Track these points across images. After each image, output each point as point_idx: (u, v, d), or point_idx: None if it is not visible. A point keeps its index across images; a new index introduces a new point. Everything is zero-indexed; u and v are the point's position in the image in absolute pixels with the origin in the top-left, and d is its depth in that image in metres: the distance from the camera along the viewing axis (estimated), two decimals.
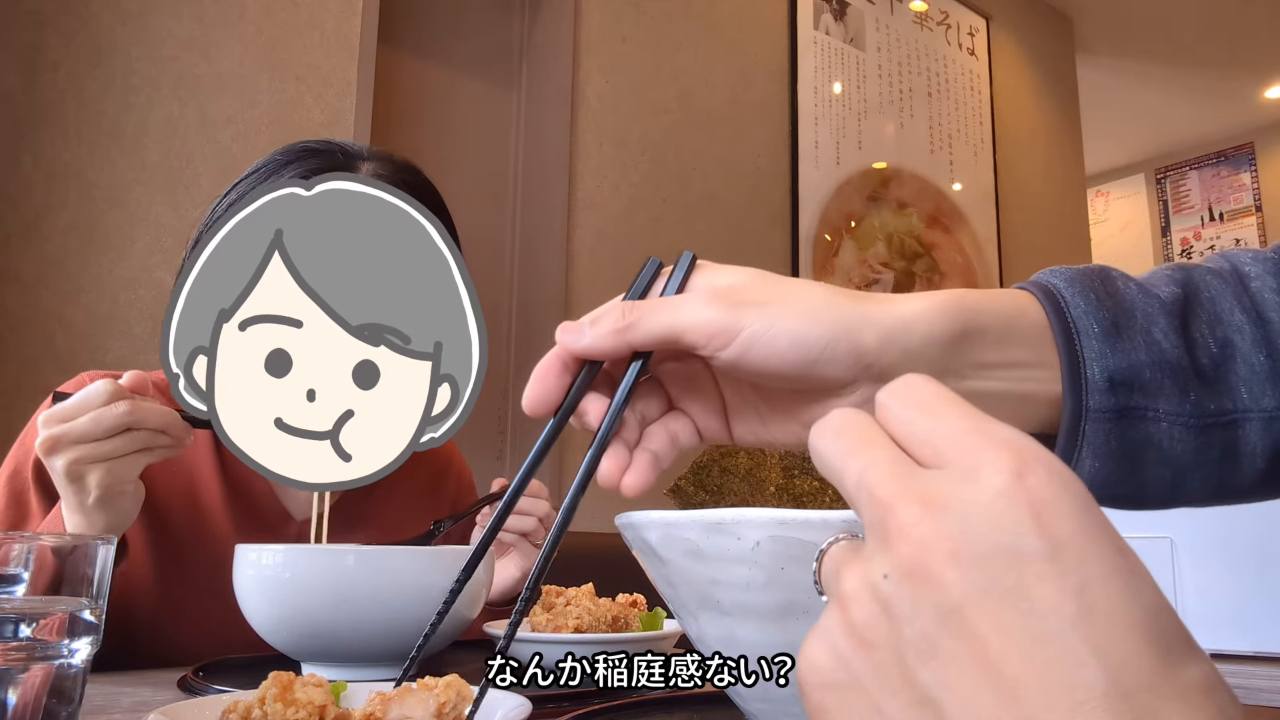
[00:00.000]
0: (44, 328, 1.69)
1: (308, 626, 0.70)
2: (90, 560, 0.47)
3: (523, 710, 0.52)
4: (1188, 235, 5.78)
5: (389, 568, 0.71)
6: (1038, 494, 0.22)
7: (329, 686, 0.49)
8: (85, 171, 1.76)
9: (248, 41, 1.97)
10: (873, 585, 0.23)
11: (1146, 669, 0.20)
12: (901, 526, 0.23)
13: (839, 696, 0.24)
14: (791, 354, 0.39)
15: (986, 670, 0.21)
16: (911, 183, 3.45)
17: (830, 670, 0.24)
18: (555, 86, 2.57)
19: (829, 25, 3.25)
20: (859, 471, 0.25)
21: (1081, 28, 4.39)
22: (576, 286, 2.50)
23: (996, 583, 0.21)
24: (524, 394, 0.43)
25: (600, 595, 0.84)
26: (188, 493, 0.93)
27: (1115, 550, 0.22)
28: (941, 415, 0.25)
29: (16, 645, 0.43)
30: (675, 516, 0.45)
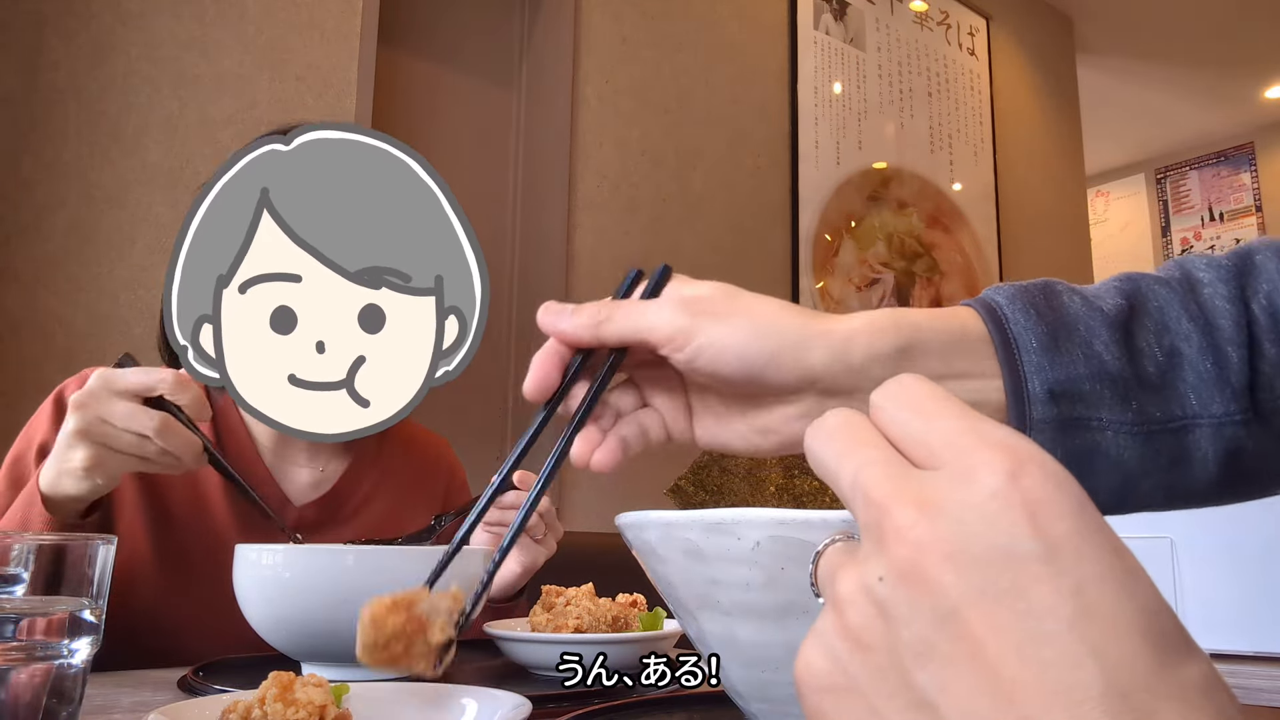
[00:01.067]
0: (44, 327, 1.69)
1: (307, 626, 0.70)
2: (90, 560, 0.47)
3: (523, 710, 0.52)
4: (1188, 235, 5.78)
5: (388, 567, 0.71)
6: (1033, 495, 0.22)
7: (329, 686, 0.49)
8: (85, 171, 1.76)
9: (248, 41, 1.97)
10: (868, 588, 0.23)
11: (1144, 669, 0.20)
12: (898, 528, 0.23)
13: (837, 700, 0.24)
14: (737, 363, 0.43)
15: (984, 672, 0.21)
16: (912, 182, 3.44)
17: (827, 674, 0.24)
18: (555, 86, 2.57)
19: (829, 25, 3.25)
20: (854, 472, 0.25)
21: (1082, 27, 4.39)
22: (577, 286, 2.50)
23: (993, 584, 0.21)
24: (525, 382, 0.47)
25: (601, 595, 0.84)
26: (188, 480, 0.93)
27: (1111, 550, 0.22)
28: (936, 416, 0.25)
29: (16, 645, 0.43)
30: (675, 516, 0.45)
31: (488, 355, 2.53)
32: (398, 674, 0.43)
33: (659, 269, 0.47)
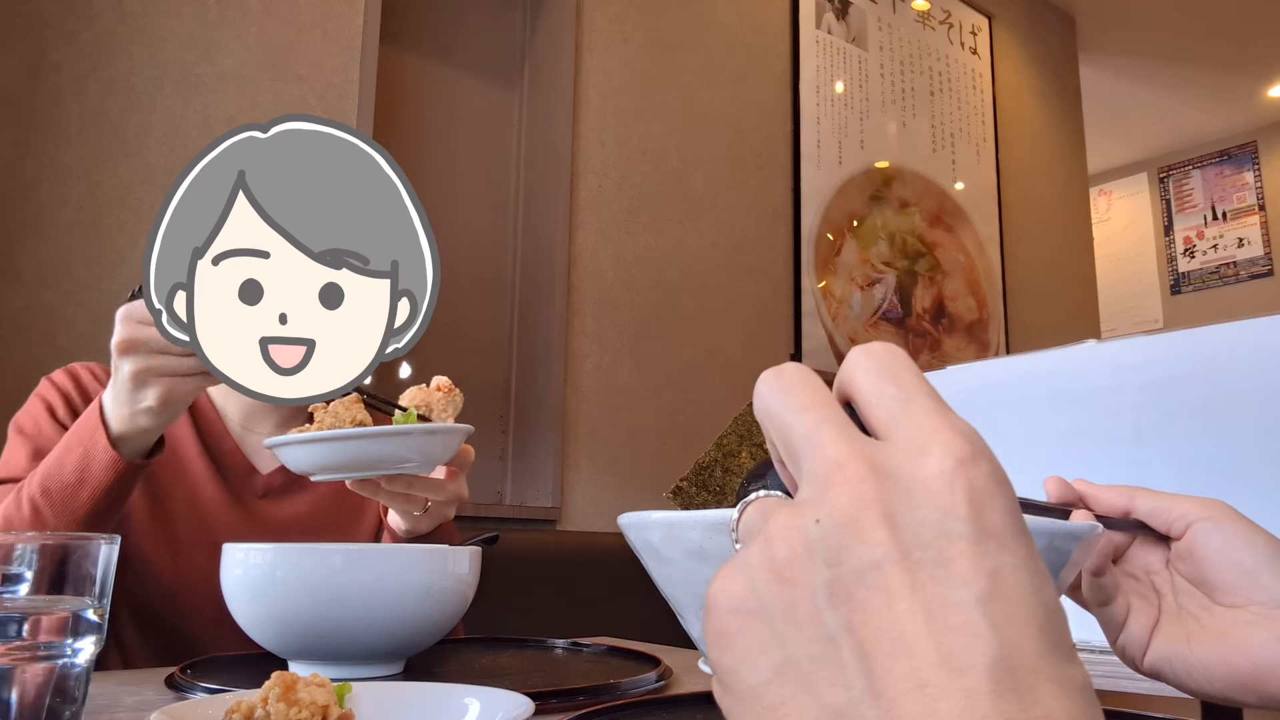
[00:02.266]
0: (46, 327, 1.69)
1: (294, 625, 0.71)
2: (93, 560, 0.47)
3: (525, 710, 0.52)
4: (1191, 234, 5.77)
5: (374, 566, 0.72)
6: (977, 484, 0.24)
7: (332, 687, 0.49)
8: (87, 172, 1.76)
9: (250, 42, 1.97)
10: (802, 528, 0.24)
11: (1034, 654, 0.22)
12: (846, 480, 0.24)
13: (742, 621, 0.25)
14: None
15: (891, 622, 0.22)
16: (914, 182, 3.44)
17: (741, 597, 0.25)
18: (557, 86, 2.57)
19: (831, 24, 3.24)
20: (813, 425, 0.26)
21: (1084, 26, 4.38)
22: (578, 286, 2.50)
23: (920, 549, 0.23)
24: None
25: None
26: (170, 451, 0.97)
27: (1029, 553, 0.24)
28: (910, 390, 0.26)
29: (20, 644, 0.43)
30: (678, 517, 0.45)
31: (488, 355, 2.53)
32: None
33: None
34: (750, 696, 0.24)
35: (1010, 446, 0.83)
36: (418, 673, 0.76)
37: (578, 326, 2.49)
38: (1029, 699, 0.21)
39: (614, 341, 2.55)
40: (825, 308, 3.05)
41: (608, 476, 2.48)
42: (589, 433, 2.47)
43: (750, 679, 0.24)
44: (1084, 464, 0.78)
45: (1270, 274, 5.44)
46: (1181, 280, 5.76)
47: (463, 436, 0.84)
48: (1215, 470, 0.71)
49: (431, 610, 0.73)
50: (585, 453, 2.45)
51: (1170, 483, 0.72)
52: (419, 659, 0.81)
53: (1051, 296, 3.91)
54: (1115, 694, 0.65)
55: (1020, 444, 0.83)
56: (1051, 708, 0.21)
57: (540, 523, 2.35)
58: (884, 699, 0.22)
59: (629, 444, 2.53)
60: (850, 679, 0.22)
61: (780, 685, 0.24)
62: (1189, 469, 0.73)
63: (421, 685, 0.60)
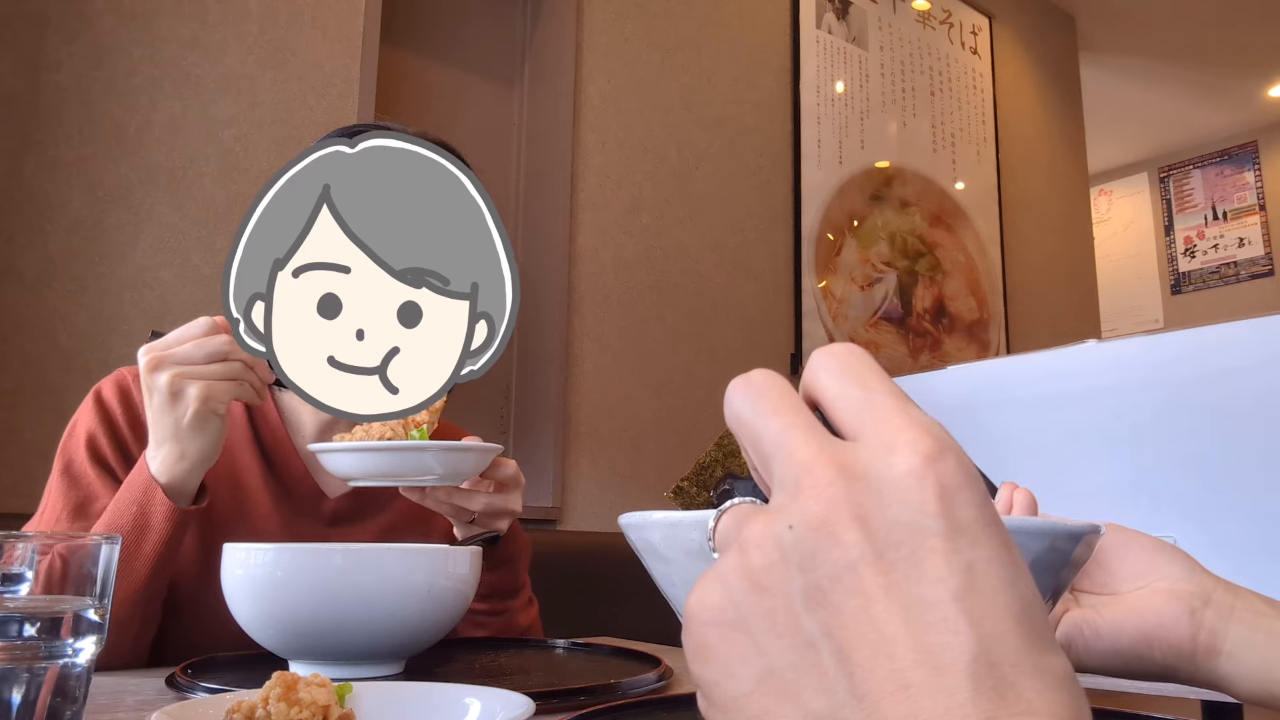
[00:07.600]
0: (47, 327, 1.69)
1: (295, 625, 0.71)
2: (94, 560, 0.47)
3: (526, 710, 0.52)
4: (1191, 234, 5.77)
5: (375, 566, 0.72)
6: (946, 479, 0.24)
7: (333, 686, 0.49)
8: (88, 172, 1.76)
9: (250, 42, 1.97)
10: (776, 535, 0.24)
11: (1013, 647, 0.22)
12: (816, 484, 0.24)
13: (722, 633, 0.25)
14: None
15: (869, 624, 0.22)
16: (914, 182, 3.44)
17: (719, 609, 0.25)
18: (557, 85, 2.57)
19: (831, 24, 3.24)
20: (781, 430, 0.26)
21: (1084, 26, 4.38)
22: (578, 286, 2.50)
23: (893, 549, 0.23)
24: None
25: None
26: (230, 476, 0.96)
27: (1003, 545, 0.24)
28: (874, 390, 0.26)
29: (21, 644, 0.44)
30: (679, 517, 0.45)
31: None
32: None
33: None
34: (734, 707, 0.24)
35: (1010, 446, 0.83)
36: (418, 673, 0.76)
37: (578, 326, 2.49)
38: (1010, 695, 0.21)
39: (614, 341, 2.55)
40: (825, 307, 3.05)
41: (608, 476, 2.48)
42: (589, 433, 2.47)
43: (733, 690, 0.24)
44: (1084, 464, 0.78)
45: (1271, 274, 5.44)
46: (1182, 280, 5.76)
47: (488, 454, 0.87)
48: (1215, 470, 0.71)
49: (432, 610, 0.73)
50: (585, 453, 2.45)
51: (1170, 482, 0.72)
52: (419, 659, 0.81)
53: (1052, 296, 3.91)
54: (1115, 694, 0.65)
55: (1020, 444, 0.83)
56: (1033, 702, 0.21)
57: (540, 523, 2.35)
58: (867, 702, 0.22)
59: (629, 444, 2.53)
60: (832, 684, 0.22)
61: (763, 694, 0.24)
62: (1189, 469, 0.73)
63: (421, 685, 0.60)
